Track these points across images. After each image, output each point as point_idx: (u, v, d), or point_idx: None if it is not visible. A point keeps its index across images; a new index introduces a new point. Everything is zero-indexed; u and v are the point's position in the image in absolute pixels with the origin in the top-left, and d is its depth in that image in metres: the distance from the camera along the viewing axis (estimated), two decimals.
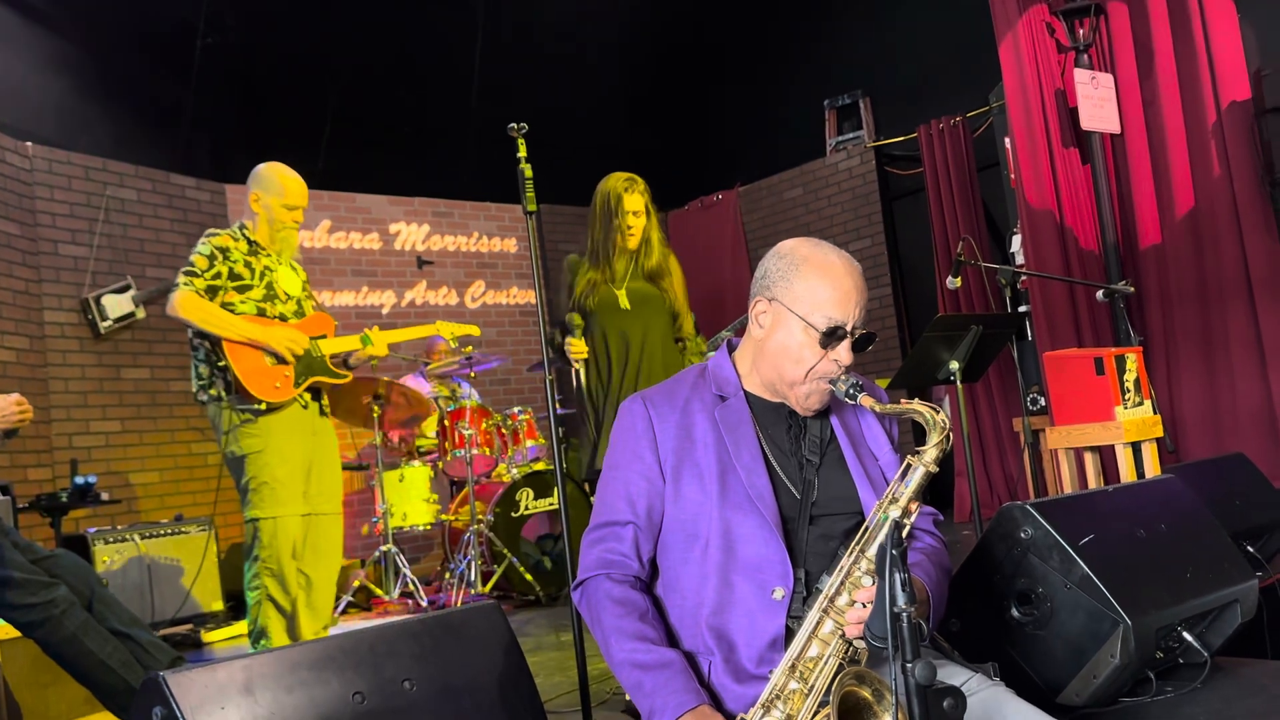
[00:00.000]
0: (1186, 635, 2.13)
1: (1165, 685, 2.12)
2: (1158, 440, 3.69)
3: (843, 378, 1.74)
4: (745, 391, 1.85)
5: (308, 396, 3.71)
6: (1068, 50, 5.06)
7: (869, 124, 7.32)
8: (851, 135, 7.38)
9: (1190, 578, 2.17)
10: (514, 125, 2.91)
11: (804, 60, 7.63)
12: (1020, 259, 5.32)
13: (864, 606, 1.54)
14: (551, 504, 5.57)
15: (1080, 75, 4.87)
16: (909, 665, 1.20)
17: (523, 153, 2.90)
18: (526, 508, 5.52)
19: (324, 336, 3.76)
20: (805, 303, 1.75)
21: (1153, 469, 3.59)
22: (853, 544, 1.61)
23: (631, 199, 3.49)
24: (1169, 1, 5.14)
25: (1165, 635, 2.12)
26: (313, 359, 3.68)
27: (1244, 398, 5.00)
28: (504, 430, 5.69)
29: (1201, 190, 5.10)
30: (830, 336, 1.74)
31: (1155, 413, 3.71)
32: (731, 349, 1.92)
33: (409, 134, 7.21)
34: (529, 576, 5.32)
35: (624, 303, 3.45)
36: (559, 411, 3.32)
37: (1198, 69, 5.06)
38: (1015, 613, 2.16)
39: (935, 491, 6.34)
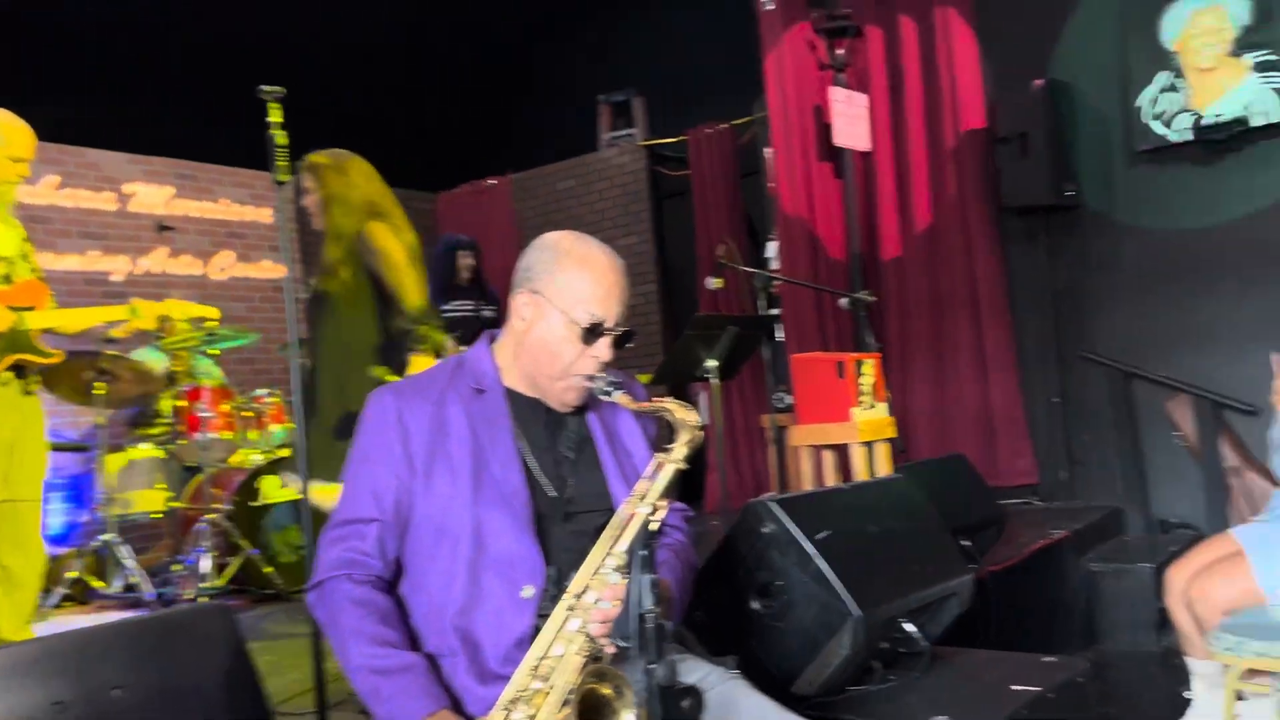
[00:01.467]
0: (909, 626, 2.29)
1: (889, 674, 2.27)
2: (890, 440, 3.96)
3: (601, 375, 1.73)
4: (504, 386, 1.80)
5: (9, 375, 3.32)
6: (826, 68, 5.34)
7: (642, 123, 7.44)
8: (625, 132, 7.48)
9: (915, 571, 2.33)
10: (266, 88, 2.72)
11: (581, 54, 7.66)
12: (775, 264, 5.57)
13: (610, 604, 1.54)
14: (296, 494, 5.29)
15: (836, 93, 5.14)
16: (651, 666, 1.20)
17: (275, 118, 2.72)
18: (268, 497, 5.22)
19: (31, 308, 3.36)
20: (567, 297, 1.73)
21: (885, 467, 3.85)
22: (600, 541, 1.61)
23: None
24: (919, 29, 5.54)
25: (890, 626, 2.26)
26: (17, 334, 3.29)
27: (966, 402, 5.48)
28: (247, 414, 5.35)
29: (939, 209, 5.53)
30: (591, 333, 1.73)
31: (889, 415, 3.98)
32: (492, 340, 1.87)
33: (152, 87, 6.64)
34: (269, 570, 5.03)
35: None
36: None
37: (941, 95, 5.48)
38: (756, 605, 2.24)
39: (689, 483, 6.54)
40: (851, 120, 5.17)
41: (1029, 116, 5.04)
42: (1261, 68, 4.70)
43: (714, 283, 4.11)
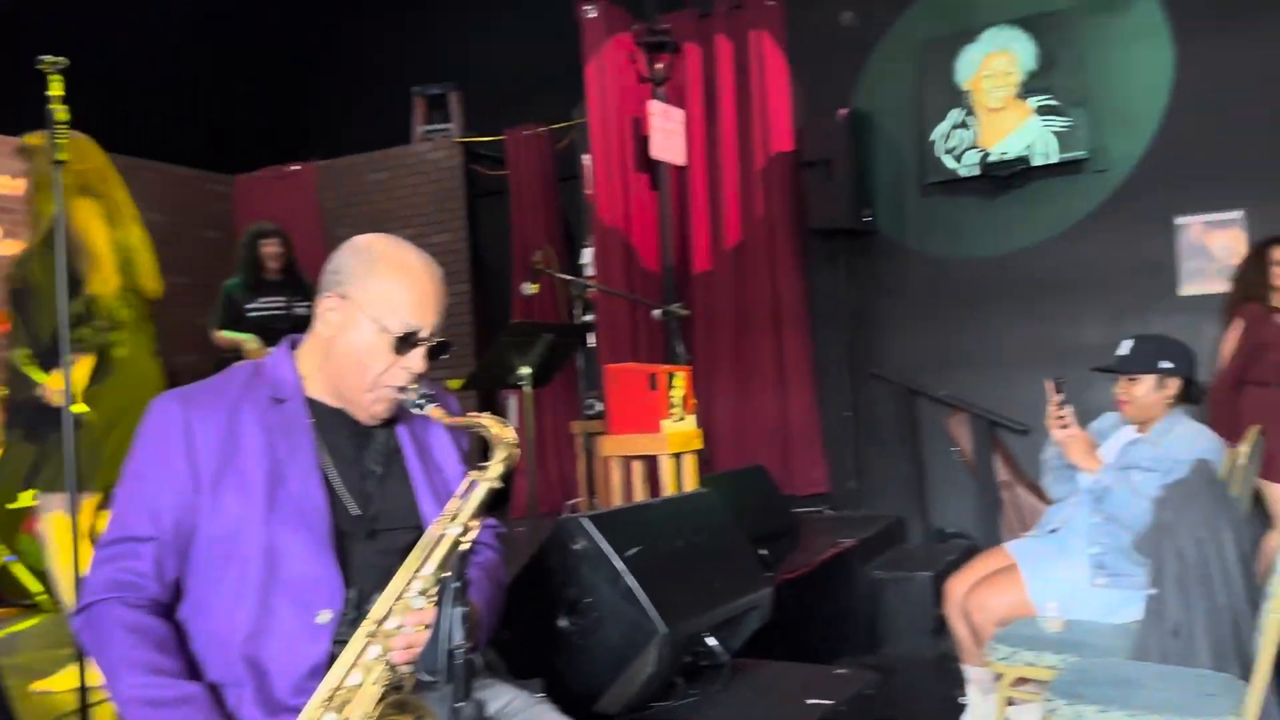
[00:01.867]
0: (711, 640, 2.31)
1: (691, 689, 2.28)
2: (697, 452, 4.02)
3: (413, 386, 1.65)
4: (306, 395, 1.68)
5: None
6: (646, 81, 5.38)
7: (459, 118, 7.27)
8: (440, 127, 7.28)
9: (719, 586, 2.36)
10: (47, 59, 2.46)
11: (396, 41, 7.41)
12: (590, 271, 5.56)
13: (414, 630, 1.46)
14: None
15: (654, 107, 5.19)
16: (458, 706, 1.14)
17: (56, 91, 2.46)
18: (26, 500, 4.73)
19: None
20: (380, 304, 1.63)
21: (692, 478, 3.91)
22: (406, 562, 1.52)
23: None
24: (735, 50, 5.68)
25: (694, 641, 2.28)
26: None
27: (765, 414, 5.65)
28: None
29: (748, 227, 5.68)
30: (404, 342, 1.64)
31: (697, 427, 4.04)
32: (294, 346, 1.74)
33: None
34: (27, 579, 4.58)
35: None
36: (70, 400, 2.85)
37: (753, 117, 5.64)
38: (564, 622, 2.20)
39: (497, 491, 6.43)
40: (668, 134, 5.23)
41: (833, 143, 5.26)
42: (1043, 111, 5.08)
43: (529, 288, 4.06)
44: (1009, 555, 3.21)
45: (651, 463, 3.93)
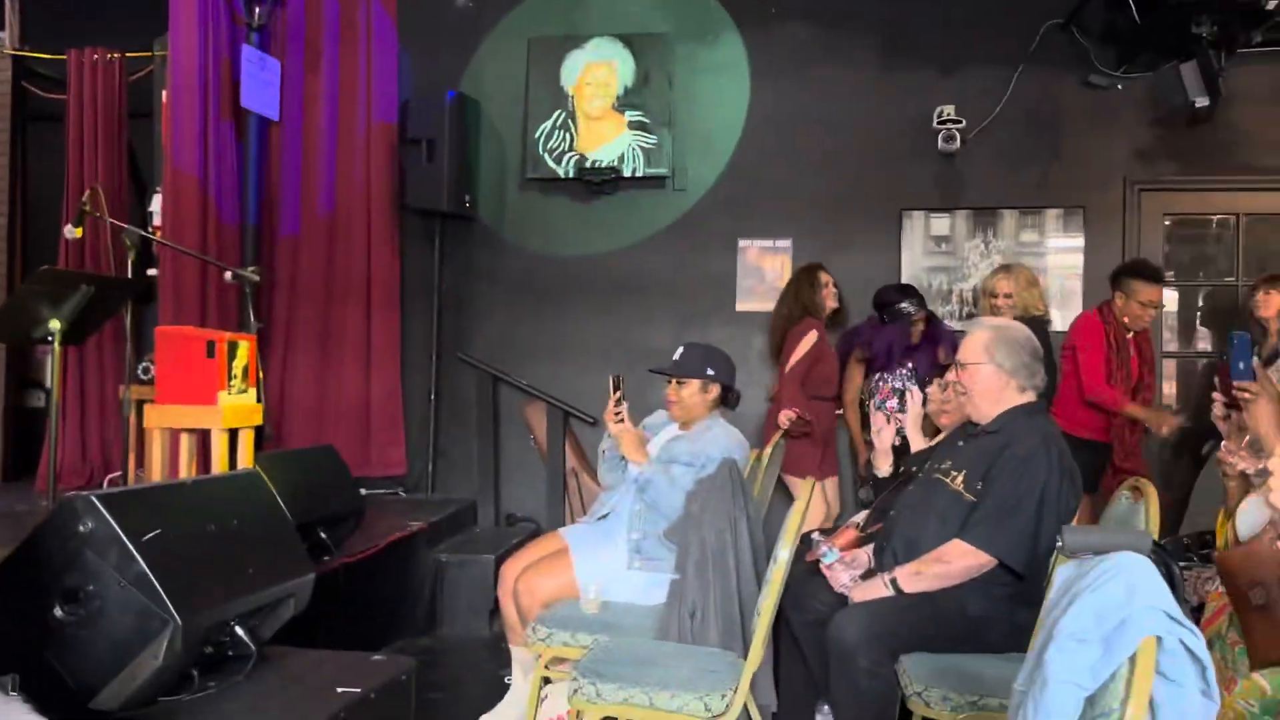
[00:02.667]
0: (239, 630, 2.16)
1: (209, 680, 2.11)
2: (258, 428, 3.77)
3: None
4: None
5: None
6: (241, 25, 4.97)
7: (13, 26, 6.25)
8: None
9: (252, 574, 2.21)
10: None
11: None
12: (158, 220, 5.03)
13: None
14: None
15: (248, 53, 4.82)
16: None
17: None
18: None
19: None
20: None
21: (248, 456, 3.66)
22: None
23: None
24: (342, 11, 5.41)
25: (217, 631, 2.11)
26: None
27: (347, 392, 5.46)
28: None
29: (344, 195, 5.45)
30: None
31: (259, 401, 3.78)
32: None
33: None
34: None
35: None
36: None
37: (358, 84, 5.41)
38: (59, 612, 1.95)
39: (22, 457, 5.63)
40: (262, 84, 4.87)
41: (438, 124, 5.19)
42: (635, 126, 5.39)
43: (72, 231, 3.57)
44: (561, 539, 3.36)
45: (204, 437, 3.62)
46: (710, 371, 3.26)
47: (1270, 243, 5.27)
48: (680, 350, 3.33)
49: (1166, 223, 5.29)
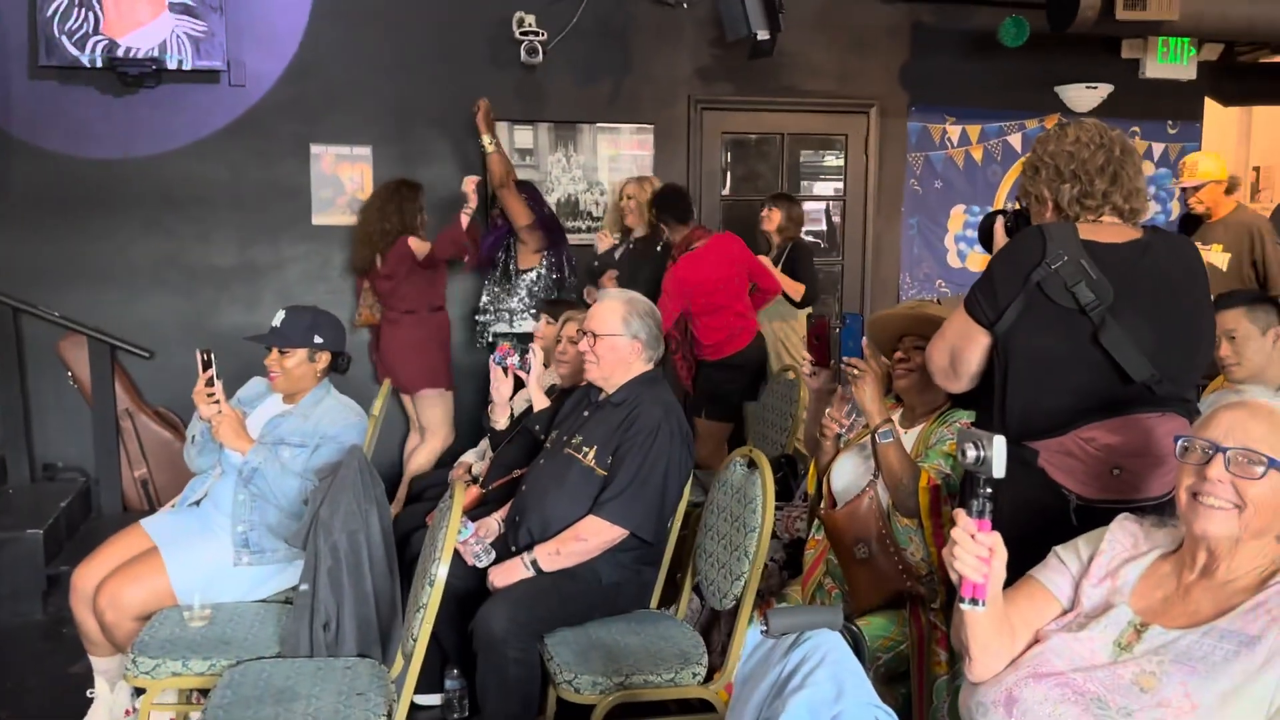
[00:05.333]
0: None
1: None
2: None
3: None
4: None
5: None
6: None
7: None
8: None
9: None
10: None
11: None
12: None
13: None
14: None
15: None
16: None
17: None
18: None
19: None
20: None
21: None
22: None
23: None
24: None
25: None
26: None
27: None
28: None
29: None
30: None
31: None
32: None
33: None
34: None
35: None
36: None
37: None
38: None
39: None
40: None
41: None
42: (178, 9, 4.60)
43: None
44: (147, 536, 2.95)
45: None
46: (318, 339, 2.97)
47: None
48: (281, 315, 2.98)
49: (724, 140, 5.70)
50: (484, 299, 4.87)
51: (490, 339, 4.80)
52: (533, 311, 4.62)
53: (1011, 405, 1.99)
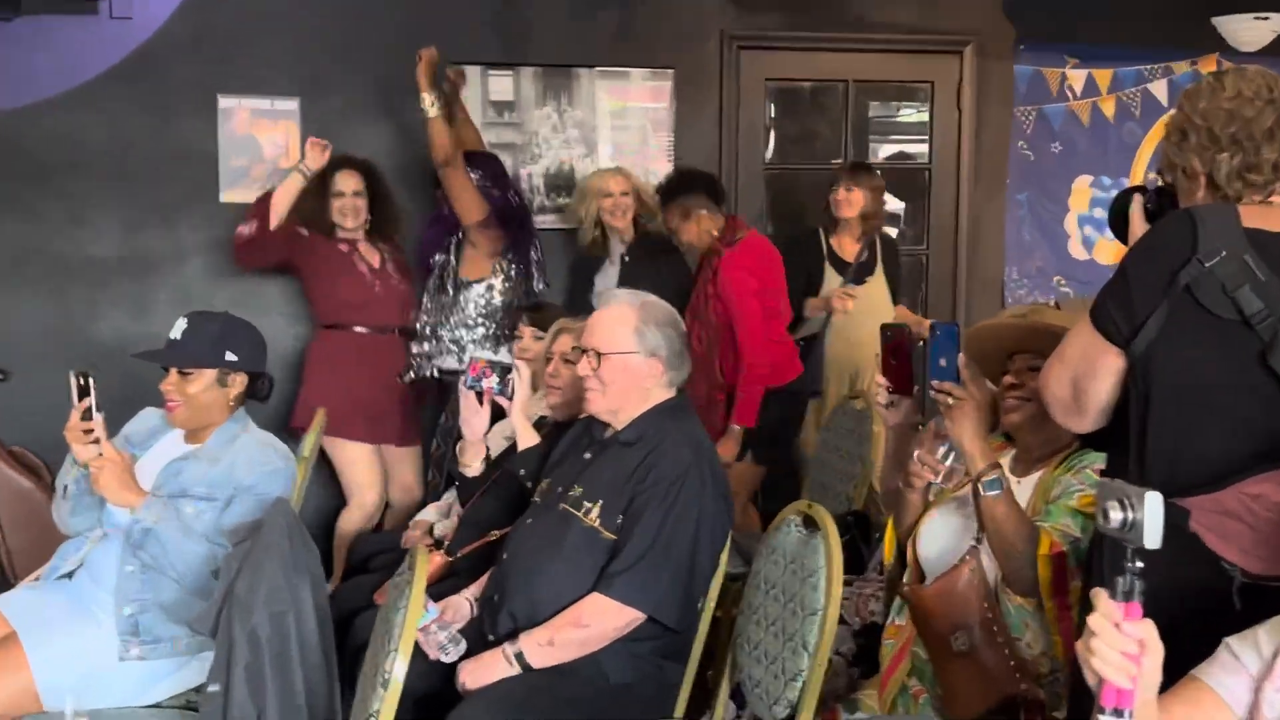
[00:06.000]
0: None
1: None
2: None
3: None
4: None
5: None
6: None
7: None
8: None
9: None
10: None
11: None
12: None
13: None
14: None
15: None
16: None
17: None
18: None
19: None
20: None
21: None
22: None
23: None
24: None
25: None
26: None
27: None
28: None
29: None
30: None
31: None
32: None
33: None
34: None
35: None
36: None
37: None
38: None
39: None
40: None
41: None
42: None
43: None
44: (3, 619, 2.96)
45: None
46: (231, 356, 3.00)
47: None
48: (182, 325, 3.01)
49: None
50: (422, 318, 4.84)
51: (434, 374, 4.78)
52: (491, 336, 4.63)
53: (1154, 448, 1.99)
